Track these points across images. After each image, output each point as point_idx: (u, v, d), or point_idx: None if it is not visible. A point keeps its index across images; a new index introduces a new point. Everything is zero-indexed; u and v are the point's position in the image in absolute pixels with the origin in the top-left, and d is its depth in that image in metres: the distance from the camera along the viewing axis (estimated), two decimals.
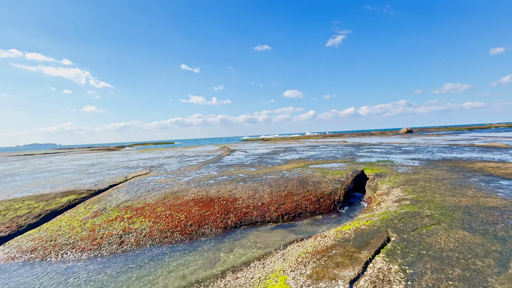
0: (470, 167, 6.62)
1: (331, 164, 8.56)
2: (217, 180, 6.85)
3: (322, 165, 8.46)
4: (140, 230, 4.28)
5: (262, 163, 9.96)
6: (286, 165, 8.96)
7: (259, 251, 3.66)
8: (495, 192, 4.18)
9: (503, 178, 5.13)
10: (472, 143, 14.21)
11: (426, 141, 18.34)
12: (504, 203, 3.60)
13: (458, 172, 5.96)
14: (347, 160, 9.26)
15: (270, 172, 7.55)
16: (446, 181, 5.17)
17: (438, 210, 3.57)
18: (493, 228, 2.79)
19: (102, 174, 9.07)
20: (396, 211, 3.83)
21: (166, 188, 6.21)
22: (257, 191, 5.67)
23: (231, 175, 7.41)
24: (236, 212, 4.81)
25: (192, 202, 5.21)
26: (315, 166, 8.31)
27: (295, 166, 8.54)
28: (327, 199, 5.28)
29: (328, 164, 8.48)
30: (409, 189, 4.82)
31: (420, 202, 4.02)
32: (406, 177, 5.88)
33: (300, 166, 8.48)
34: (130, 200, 5.45)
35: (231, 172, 7.96)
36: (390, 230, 3.04)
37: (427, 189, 4.71)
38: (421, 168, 6.82)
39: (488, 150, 10.55)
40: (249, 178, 6.91)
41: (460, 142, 16.10)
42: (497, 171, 5.84)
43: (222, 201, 5.21)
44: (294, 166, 8.56)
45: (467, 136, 23.20)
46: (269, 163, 9.69)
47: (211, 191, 5.82)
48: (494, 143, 12.84)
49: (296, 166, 8.42)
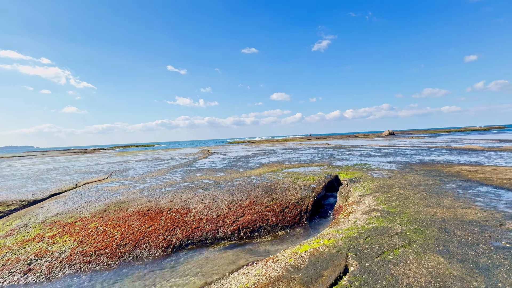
0: (447, 171, 6.22)
1: (306, 168, 7.99)
2: (176, 187, 6.08)
3: (297, 169, 7.87)
4: (59, 254, 3.45)
5: (235, 167, 9.25)
6: (258, 169, 8.31)
7: (200, 281, 2.94)
8: (473, 201, 3.70)
9: (481, 183, 4.71)
10: (449, 146, 14.20)
11: (406, 144, 18.33)
12: (484, 215, 3.09)
13: (435, 177, 5.52)
14: (323, 164, 8.73)
15: (238, 178, 6.86)
16: (422, 187, 4.68)
17: (410, 225, 3.01)
18: (473, 252, 2.23)
19: (53, 180, 8.03)
20: (364, 225, 3.24)
21: (112, 198, 5.36)
22: (215, 200, 4.96)
23: (194, 181, 6.65)
24: (184, 227, 4.07)
25: (135, 215, 4.42)
26: (288, 170, 7.70)
27: (268, 170, 7.90)
28: (293, 209, 4.65)
29: (303, 168, 7.91)
30: (382, 198, 4.28)
31: (392, 214, 3.46)
32: (380, 182, 5.37)
33: (273, 170, 7.85)
34: (62, 214, 4.58)
35: (197, 178, 7.20)
36: (351, 255, 2.42)
37: (401, 197, 4.18)
38: (397, 173, 6.36)
39: (465, 152, 10.40)
40: (212, 184, 6.18)
41: (438, 144, 16.14)
42: (474, 175, 5.44)
43: (172, 214, 4.46)
44: (266, 170, 7.91)
45: (445, 139, 23.60)
46: (241, 167, 9.00)
47: (163, 201, 5.04)
48: (471, 146, 12.84)
49: (269, 171, 7.78)
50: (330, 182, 6.08)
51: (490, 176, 5.27)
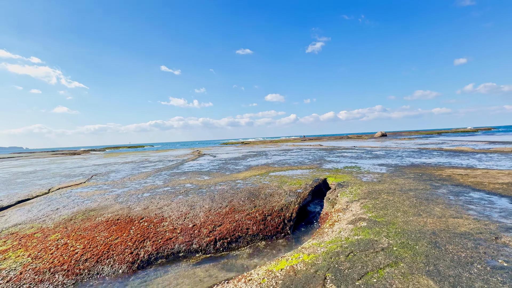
0: (438, 174, 6.01)
1: (295, 171, 7.70)
2: (155, 192, 5.69)
3: (285, 172, 7.57)
4: (7, 272, 3.05)
5: (222, 169, 8.90)
6: (246, 172, 7.98)
7: None
8: (466, 209, 3.45)
9: (473, 189, 4.48)
10: (440, 147, 14.14)
11: (398, 145, 18.28)
12: (478, 226, 2.83)
13: (425, 181, 5.29)
14: (313, 166, 8.46)
15: (222, 182, 6.51)
16: (412, 193, 4.42)
17: (398, 238, 2.73)
18: (467, 274, 1.95)
19: (27, 185, 7.53)
20: (348, 238, 2.94)
21: (83, 205, 4.95)
22: (193, 207, 4.60)
23: (175, 186, 6.28)
24: (155, 239, 3.71)
25: (103, 225, 4.03)
26: (276, 173, 7.39)
27: (255, 173, 7.57)
28: (275, 217, 4.33)
29: (291, 171, 7.61)
30: (369, 205, 4.00)
31: (379, 224, 3.17)
32: (369, 187, 5.10)
33: (260, 173, 7.53)
34: (23, 224, 4.16)
35: (179, 182, 6.82)
36: (330, 277, 2.11)
37: (390, 204, 3.91)
38: (387, 176, 6.12)
39: (455, 154, 10.28)
40: (194, 189, 5.82)
41: (429, 146, 16.10)
42: (466, 179, 5.23)
43: (144, 223, 4.09)
44: (253, 173, 7.59)
45: (436, 140, 23.72)
46: (229, 170, 8.65)
47: (136, 208, 4.67)
48: (461, 147, 12.78)
49: (256, 174, 7.45)
50: (317, 186, 5.79)
51: (482, 180, 5.06)
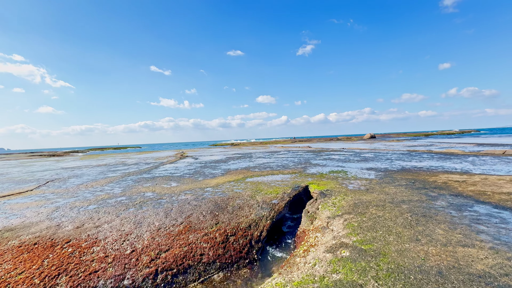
0: (432, 181, 5.32)
1: (276, 176, 6.88)
2: (104, 204, 4.74)
3: (264, 177, 6.74)
4: None
5: (196, 174, 7.98)
6: (221, 177, 7.09)
7: None
8: (475, 231, 2.70)
9: (476, 200, 3.77)
10: (430, 149, 13.69)
11: (387, 147, 17.82)
12: (500, 262, 2.06)
13: (419, 190, 4.56)
14: (296, 171, 7.67)
15: (189, 190, 5.61)
16: (405, 206, 3.67)
17: (391, 281, 1.92)
18: None
19: None
20: (324, 277, 2.12)
21: (3, 222, 3.94)
22: (140, 225, 3.69)
23: (133, 195, 5.33)
24: (75, 272, 2.78)
25: (12, 252, 3.06)
26: (254, 179, 6.55)
27: (230, 179, 6.70)
28: (241, 238, 3.47)
29: (272, 177, 6.79)
30: (355, 223, 3.21)
31: (365, 255, 2.37)
32: (356, 197, 4.33)
33: (236, 179, 6.66)
34: None
35: (140, 190, 5.87)
36: None
37: (379, 222, 3.12)
38: (376, 183, 5.38)
39: (447, 157, 9.74)
40: (152, 200, 4.89)
41: (419, 148, 15.67)
42: (465, 188, 4.54)
43: (68, 248, 3.14)
44: (228, 179, 6.72)
45: (424, 142, 23.52)
46: (203, 175, 7.75)
47: (68, 226, 3.71)
48: (451, 150, 12.33)
49: (231, 180, 6.58)
50: (297, 196, 4.98)
51: (483, 189, 4.38)
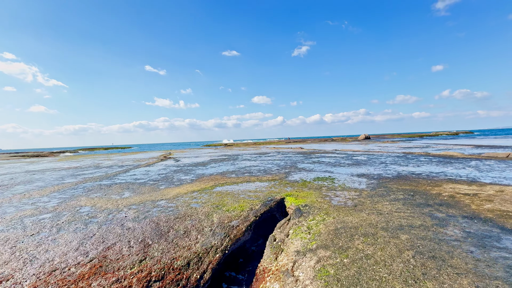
0: (436, 193, 4.30)
1: (251, 184, 5.81)
2: (15, 224, 3.59)
3: (237, 186, 5.65)
4: None
5: (162, 181, 6.86)
6: (186, 185, 5.99)
7: None
8: None
9: (501, 227, 2.72)
10: (426, 152, 12.74)
11: (381, 149, 16.87)
12: None
13: (421, 208, 3.53)
14: (277, 177, 6.60)
15: (137, 204, 4.50)
16: (405, 237, 2.62)
17: None
18: None
19: None
20: None
21: None
22: (32, 262, 2.56)
23: (64, 211, 4.19)
24: None
25: None
26: (223, 188, 5.47)
27: (196, 188, 5.60)
28: (169, 285, 2.39)
29: (246, 185, 5.71)
30: (331, 268, 2.14)
31: None
32: (339, 218, 3.27)
33: (202, 188, 5.57)
34: None
35: (79, 204, 4.73)
36: None
37: (367, 270, 2.06)
38: (367, 196, 4.33)
39: (447, 161, 8.77)
40: (81, 219, 3.77)
41: (414, 150, 14.74)
42: (480, 206, 3.51)
43: None
44: (194, 188, 5.62)
45: (419, 143, 22.69)
46: (169, 182, 6.63)
47: None
48: (450, 152, 11.39)
49: (196, 189, 5.49)
50: (267, 213, 3.91)
51: (505, 207, 3.35)
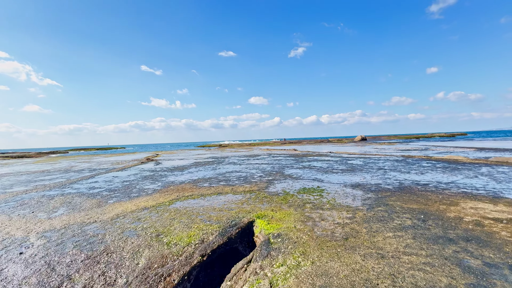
0: (454, 217, 3.22)
1: (222, 197, 4.69)
2: None
3: (203, 200, 4.53)
4: None
5: (119, 192, 5.70)
6: (144, 198, 4.85)
7: None
8: None
9: None
10: (427, 155, 11.72)
11: (378, 151, 15.85)
12: None
13: (441, 245, 2.44)
14: (256, 187, 5.49)
15: (60, 228, 3.35)
16: None
17: None
18: None
19: None
20: None
21: None
22: None
23: None
24: None
25: None
26: (184, 203, 4.34)
27: (151, 203, 4.46)
28: None
29: (215, 199, 4.59)
30: None
31: None
32: (320, 264, 2.17)
33: (158, 203, 4.43)
34: None
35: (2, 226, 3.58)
36: None
37: None
38: (362, 220, 3.24)
39: (453, 167, 7.73)
40: None
41: (414, 153, 13.72)
42: None
43: None
44: (148, 203, 4.47)
45: (417, 145, 21.72)
46: (126, 193, 5.47)
47: None
48: (453, 156, 10.37)
49: (150, 205, 4.35)
50: (225, 246, 2.80)
51: None
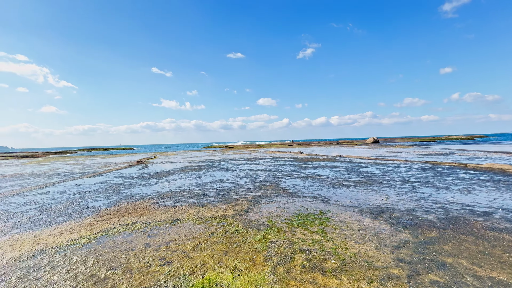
0: None
1: (174, 228, 3.10)
2: None
3: (143, 233, 2.95)
4: None
5: (52, 211, 4.19)
6: (62, 227, 3.31)
7: None
8: None
9: None
10: (458, 162, 9.68)
11: (395, 155, 13.82)
12: None
13: None
14: (229, 212, 3.87)
15: None
16: None
17: None
18: None
19: None
20: None
21: None
22: None
23: None
24: None
25: None
26: (106, 243, 2.77)
27: (62, 239, 2.91)
28: None
29: (162, 230, 3.00)
30: None
31: None
32: None
33: (72, 240, 2.88)
34: None
35: None
36: None
37: None
38: None
39: (506, 180, 5.81)
40: None
41: (439, 158, 11.64)
42: None
43: None
44: (57, 240, 2.93)
45: (438, 149, 19.35)
46: (60, 213, 3.99)
47: None
48: (495, 164, 8.33)
49: (57, 242, 2.81)
50: None
51: None
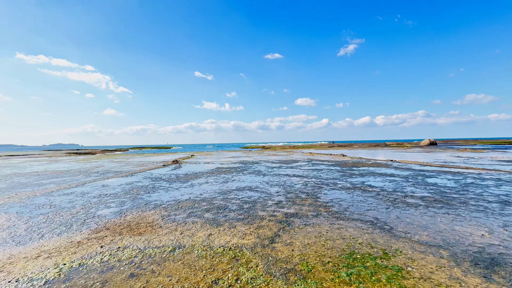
0: None
1: (172, 263, 2.20)
2: None
3: (130, 264, 2.12)
4: None
5: (55, 221, 3.75)
6: (43, 245, 2.70)
7: None
8: None
9: None
10: None
11: (466, 161, 11.03)
12: None
13: None
14: (249, 242, 2.82)
15: None
16: None
17: None
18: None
19: None
20: None
21: None
22: None
23: None
24: None
25: None
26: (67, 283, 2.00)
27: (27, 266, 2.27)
28: None
29: (139, 274, 2.13)
30: None
31: None
32: None
33: (32, 270, 2.21)
34: None
35: None
36: None
37: None
38: None
39: None
40: None
41: None
42: None
43: None
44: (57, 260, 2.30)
45: None
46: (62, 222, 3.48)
47: None
48: None
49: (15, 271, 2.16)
50: None
51: None
